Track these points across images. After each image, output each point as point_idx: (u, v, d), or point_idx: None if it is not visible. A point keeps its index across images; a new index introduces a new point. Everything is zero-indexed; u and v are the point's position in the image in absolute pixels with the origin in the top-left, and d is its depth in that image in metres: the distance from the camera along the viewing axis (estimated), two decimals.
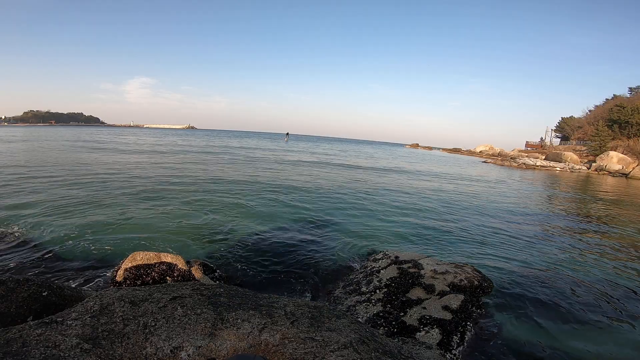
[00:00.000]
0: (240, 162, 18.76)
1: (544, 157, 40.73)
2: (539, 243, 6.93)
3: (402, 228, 7.24)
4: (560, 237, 7.64)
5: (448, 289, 3.61)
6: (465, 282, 3.73)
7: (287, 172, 15.49)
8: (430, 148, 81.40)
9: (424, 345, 2.35)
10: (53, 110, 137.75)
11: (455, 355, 2.91)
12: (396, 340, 2.37)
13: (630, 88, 53.64)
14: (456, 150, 70.92)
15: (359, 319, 3.23)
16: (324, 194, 10.42)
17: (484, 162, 39.31)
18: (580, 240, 7.50)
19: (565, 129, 56.04)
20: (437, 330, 3.04)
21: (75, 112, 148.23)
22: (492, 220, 8.61)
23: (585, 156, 41.26)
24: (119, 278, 3.35)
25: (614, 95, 52.89)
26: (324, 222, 7.18)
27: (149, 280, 3.33)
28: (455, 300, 3.38)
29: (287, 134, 66.37)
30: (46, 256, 4.58)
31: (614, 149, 38.40)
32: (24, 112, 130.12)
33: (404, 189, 13.04)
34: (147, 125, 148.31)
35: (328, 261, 5.07)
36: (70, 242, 5.12)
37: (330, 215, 7.86)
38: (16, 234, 5.33)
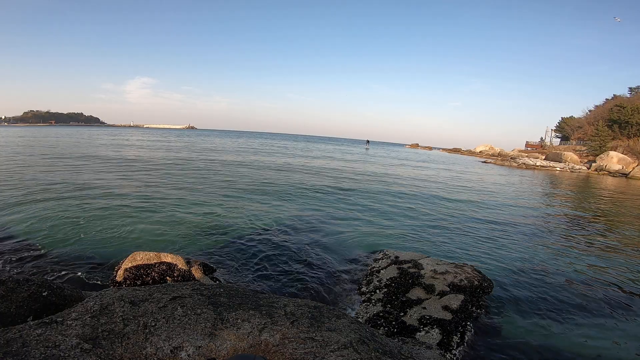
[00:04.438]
0: None
1: (544, 157, 40.72)
2: (539, 243, 6.93)
3: (402, 227, 7.24)
4: (560, 237, 7.64)
5: (448, 289, 3.61)
6: (465, 282, 3.73)
7: None
8: (430, 148, 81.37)
9: (424, 345, 2.34)
10: (53, 110, 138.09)
11: (455, 355, 2.91)
12: (396, 340, 2.36)
13: (630, 88, 53.63)
14: (456, 150, 70.91)
15: (359, 319, 3.23)
16: (325, 192, 10.41)
17: (484, 162, 39.30)
18: (580, 240, 7.50)
19: (565, 129, 56.02)
20: (437, 330, 3.04)
21: (76, 112, 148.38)
22: (492, 221, 8.60)
23: (585, 156, 41.25)
24: (119, 278, 3.35)
25: (614, 95, 52.91)
26: (324, 221, 7.18)
27: (149, 280, 3.33)
28: (455, 300, 3.38)
29: (368, 141, 63.10)
30: (46, 256, 4.58)
31: (614, 149, 38.40)
32: (24, 112, 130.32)
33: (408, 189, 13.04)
34: (147, 125, 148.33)
35: (328, 261, 5.07)
36: (70, 242, 5.12)
37: (332, 213, 7.86)
38: (16, 235, 5.33)
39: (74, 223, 5.96)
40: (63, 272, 4.13)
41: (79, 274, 4.14)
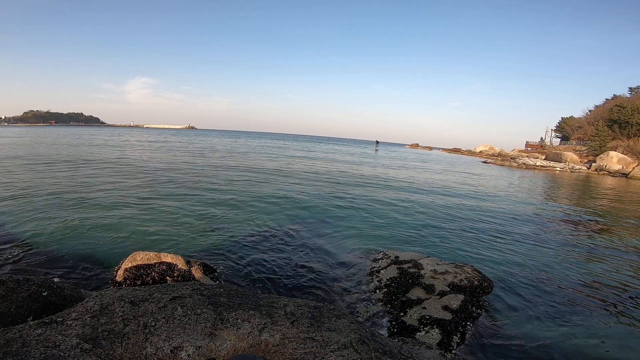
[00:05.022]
0: None
1: (544, 157, 40.71)
2: (540, 243, 6.93)
3: (402, 227, 7.24)
4: (560, 237, 7.64)
5: (448, 289, 3.61)
6: (465, 282, 3.73)
7: None
8: (430, 148, 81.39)
9: (424, 345, 2.34)
10: (53, 110, 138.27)
11: (455, 355, 2.91)
12: (396, 340, 2.36)
13: (630, 88, 53.61)
14: (456, 150, 70.93)
15: (359, 319, 3.23)
16: (326, 193, 10.41)
17: (484, 162, 39.29)
18: (581, 240, 7.50)
19: (565, 129, 56.03)
20: (437, 330, 3.04)
21: (76, 112, 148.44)
22: (492, 221, 8.60)
23: (585, 156, 41.25)
24: (119, 278, 3.35)
25: (614, 95, 52.90)
26: (325, 221, 7.18)
27: (149, 280, 3.33)
28: (455, 300, 3.38)
29: (377, 142, 58.23)
30: (46, 256, 4.57)
31: (614, 149, 38.39)
32: (24, 112, 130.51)
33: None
34: (147, 125, 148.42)
35: (328, 260, 5.07)
36: (70, 242, 5.11)
37: (332, 214, 7.86)
38: (16, 234, 5.33)
39: (73, 223, 5.96)
40: (62, 272, 4.13)
41: (79, 273, 4.14)
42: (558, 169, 34.24)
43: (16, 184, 9.05)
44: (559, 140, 58.23)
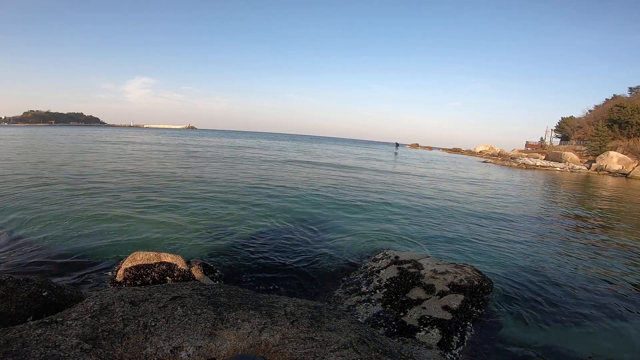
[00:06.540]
0: None
1: (544, 157, 40.72)
2: (539, 243, 6.93)
3: (402, 228, 7.24)
4: (560, 237, 7.64)
5: (448, 289, 3.61)
6: (465, 282, 3.73)
7: None
8: (430, 148, 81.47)
9: (424, 345, 2.34)
10: (53, 110, 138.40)
11: (455, 355, 2.91)
12: (396, 340, 2.36)
13: (630, 88, 53.63)
14: (456, 150, 70.96)
15: (359, 319, 3.23)
16: (327, 194, 10.41)
17: (484, 162, 39.28)
18: (581, 240, 7.50)
19: (565, 129, 56.05)
20: (437, 330, 3.04)
21: (76, 112, 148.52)
22: (492, 221, 8.60)
23: (585, 156, 41.26)
24: (119, 278, 3.35)
25: (614, 95, 52.95)
26: (325, 222, 7.18)
27: (149, 280, 3.33)
28: (455, 300, 3.38)
29: (397, 145, 56.90)
30: (46, 256, 4.57)
31: (614, 149, 38.42)
32: (24, 112, 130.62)
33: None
34: (147, 125, 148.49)
35: (328, 261, 5.07)
36: (70, 242, 5.11)
37: (332, 215, 7.86)
38: (15, 234, 5.33)
39: (73, 223, 5.96)
40: (62, 272, 4.13)
41: (79, 273, 4.14)
42: (558, 169, 34.23)
43: (16, 184, 9.05)
44: (559, 140, 58.26)
